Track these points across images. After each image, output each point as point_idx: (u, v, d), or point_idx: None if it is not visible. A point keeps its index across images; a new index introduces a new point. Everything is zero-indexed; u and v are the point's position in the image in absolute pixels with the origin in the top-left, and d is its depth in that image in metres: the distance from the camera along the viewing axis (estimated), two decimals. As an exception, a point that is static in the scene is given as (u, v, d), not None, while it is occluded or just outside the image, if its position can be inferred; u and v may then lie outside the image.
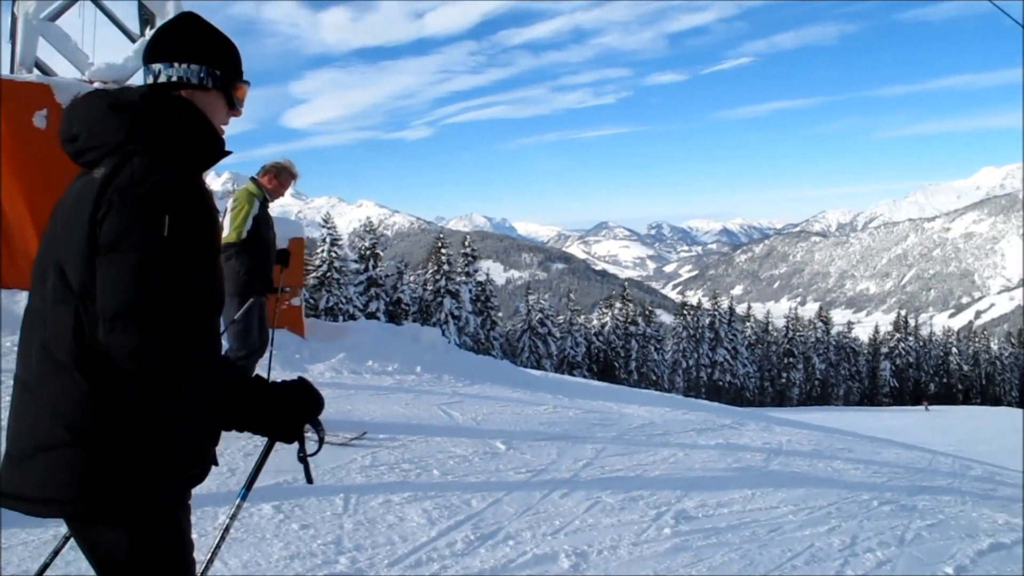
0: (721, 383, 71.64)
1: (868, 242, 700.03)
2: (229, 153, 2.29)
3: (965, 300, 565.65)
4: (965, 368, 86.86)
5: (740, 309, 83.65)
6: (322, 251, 53.76)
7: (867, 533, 6.18)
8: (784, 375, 75.87)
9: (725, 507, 6.47)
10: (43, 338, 2.03)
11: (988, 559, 5.99)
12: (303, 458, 2.29)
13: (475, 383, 12.47)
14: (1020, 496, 10.25)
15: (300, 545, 4.79)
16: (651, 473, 7.58)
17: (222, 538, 2.32)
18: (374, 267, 55.52)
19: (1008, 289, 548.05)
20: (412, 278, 61.37)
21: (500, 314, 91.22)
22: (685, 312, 74.60)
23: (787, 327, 78.50)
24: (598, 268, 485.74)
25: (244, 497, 2.36)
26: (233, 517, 2.35)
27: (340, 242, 56.06)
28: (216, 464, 2.36)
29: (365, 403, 9.58)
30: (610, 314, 70.06)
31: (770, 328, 79.16)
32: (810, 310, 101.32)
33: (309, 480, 2.38)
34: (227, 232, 6.51)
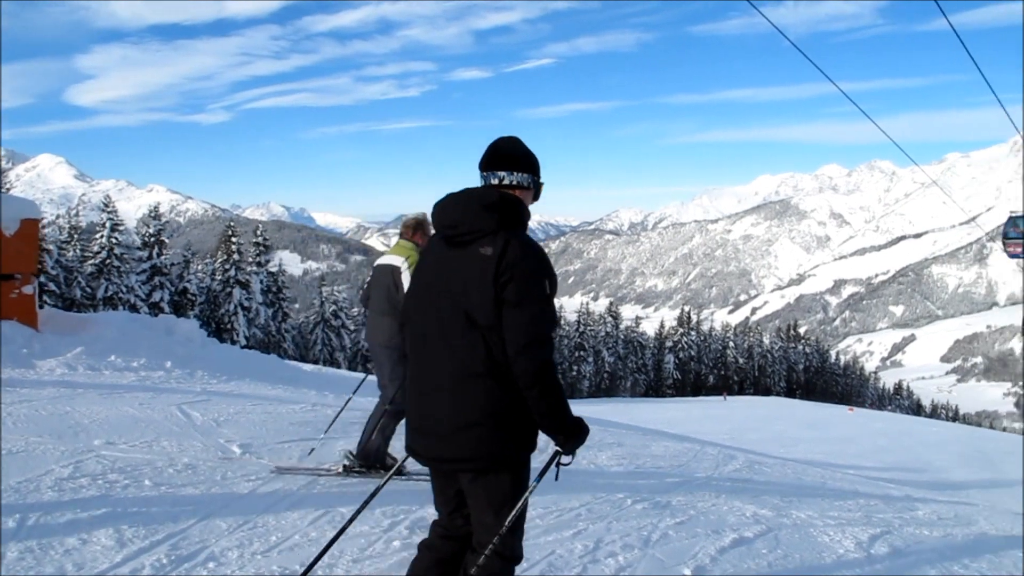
0: (514, 376, 72.73)
1: (657, 241, 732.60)
2: None
3: (743, 297, 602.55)
4: (741, 361, 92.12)
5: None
6: (101, 237, 50.22)
7: (613, 535, 5.94)
8: (575, 368, 77.68)
9: (469, 513, 6.08)
10: (459, 356, 3.13)
11: (728, 556, 5.88)
12: (549, 467, 3.50)
13: (232, 379, 11.62)
14: (771, 486, 10.51)
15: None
16: (398, 477, 7.09)
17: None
18: (159, 255, 52.42)
19: (780, 288, 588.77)
20: (200, 267, 58.48)
21: (296, 306, 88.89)
22: (480, 306, 75.19)
23: (579, 321, 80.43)
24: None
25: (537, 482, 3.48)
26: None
27: (122, 227, 52.49)
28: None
29: (90, 404, 8.52)
30: (405, 307, 69.64)
31: (563, 322, 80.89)
32: (602, 305, 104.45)
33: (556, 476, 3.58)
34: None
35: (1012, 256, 12.63)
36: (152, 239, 52.68)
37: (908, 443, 37.33)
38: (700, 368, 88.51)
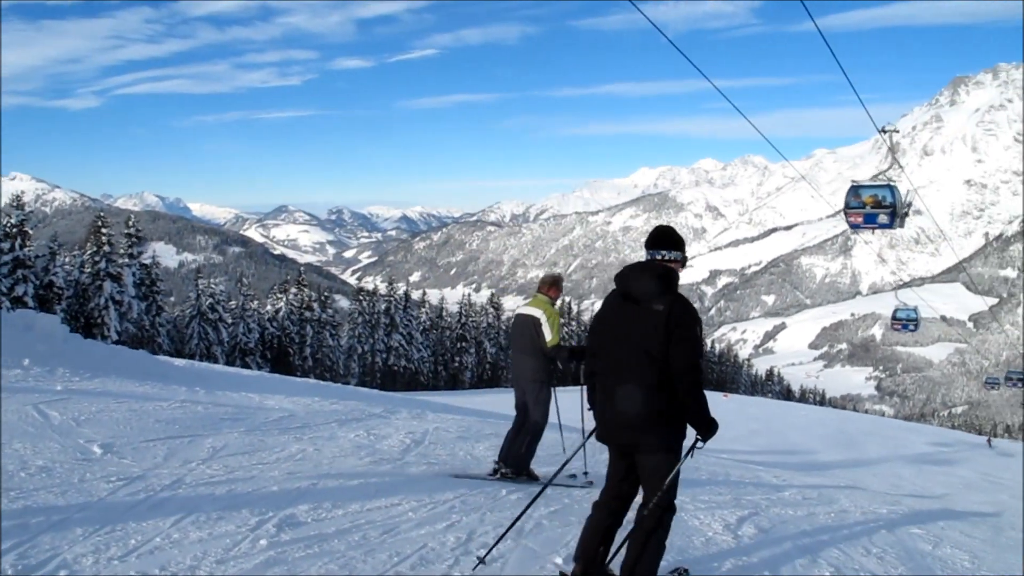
0: (396, 368, 71.96)
1: (539, 233, 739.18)
2: None
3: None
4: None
5: (416, 295, 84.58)
6: (-45, 228, 47.40)
7: (486, 527, 5.92)
8: (457, 359, 77.63)
9: (341, 508, 5.95)
10: (643, 379, 4.49)
11: (599, 544, 5.95)
12: (692, 449, 4.86)
13: (96, 376, 11.11)
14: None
15: None
16: (269, 473, 6.90)
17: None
18: (22, 247, 49.80)
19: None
20: (68, 260, 55.86)
21: (172, 299, 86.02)
22: (361, 298, 74.12)
23: (460, 312, 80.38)
24: (277, 252, 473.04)
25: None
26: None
27: (-21, 218, 49.65)
28: None
29: (-65, 405, 8.03)
30: (284, 299, 67.98)
31: (444, 314, 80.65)
32: (484, 296, 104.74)
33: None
34: (551, 337, 8.14)
35: (853, 227, 12.55)
36: (14, 230, 50.04)
37: (778, 427, 38.84)
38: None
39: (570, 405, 9.33)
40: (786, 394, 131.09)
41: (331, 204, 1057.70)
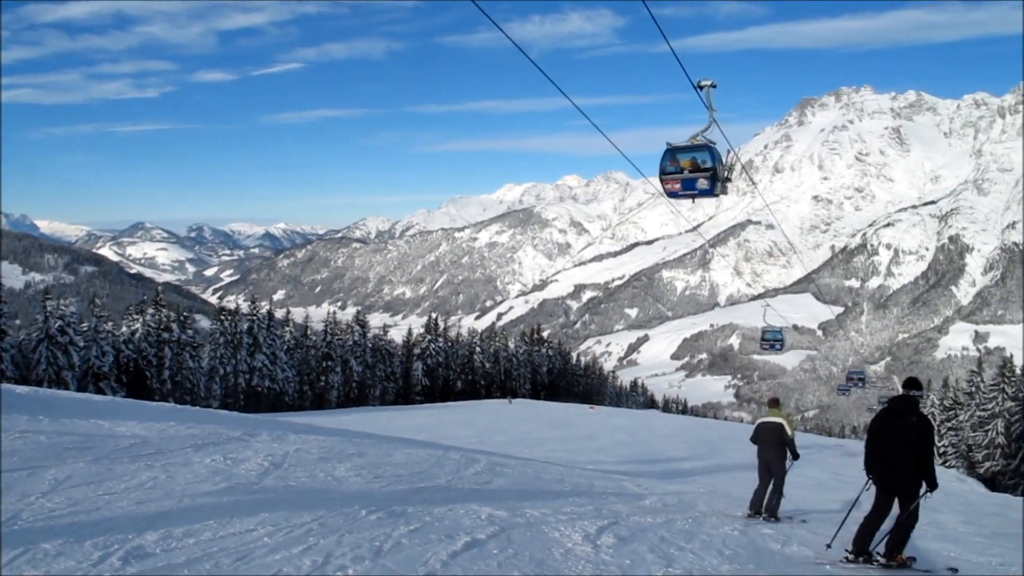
0: (260, 389, 70.16)
1: (405, 249, 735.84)
2: None
3: (489, 303, 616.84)
4: (487, 365, 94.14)
5: (280, 314, 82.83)
6: None
7: (344, 548, 5.82)
8: (323, 378, 76.29)
9: (193, 537, 5.74)
10: (909, 458, 8.84)
11: (460, 559, 5.93)
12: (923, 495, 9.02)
13: (-74, 407, 10.41)
14: (510, 488, 10.75)
15: None
16: (117, 504, 6.61)
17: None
18: None
19: (524, 293, 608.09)
20: None
21: (17, 322, 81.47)
22: (223, 317, 72.02)
23: (326, 331, 79.09)
24: (133, 271, 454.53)
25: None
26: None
27: None
28: None
29: None
30: (141, 320, 65.37)
31: (309, 332, 79.20)
32: (349, 314, 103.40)
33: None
34: (791, 433, 12.79)
35: (671, 195, 11.42)
36: None
37: (643, 437, 39.64)
38: (448, 374, 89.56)
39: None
40: (650, 404, 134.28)
41: (191, 221, 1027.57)
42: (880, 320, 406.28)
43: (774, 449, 12.56)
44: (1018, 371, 57.16)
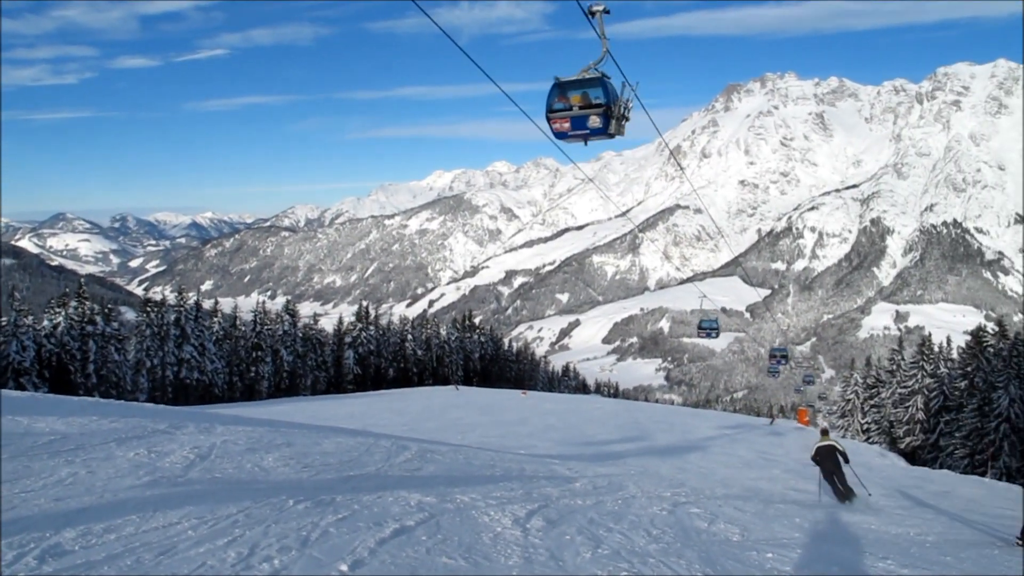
0: (189, 381, 68.93)
1: (335, 237, 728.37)
2: None
3: (420, 291, 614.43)
4: (419, 352, 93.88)
5: (208, 304, 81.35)
6: None
7: (270, 539, 5.77)
8: (253, 369, 75.27)
9: (114, 532, 5.63)
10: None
11: (388, 546, 5.91)
12: None
13: None
14: (440, 474, 10.75)
15: None
16: (34, 502, 6.43)
17: None
18: None
19: (455, 280, 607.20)
20: None
21: (-73, 318, 78.57)
22: (149, 309, 70.50)
23: (255, 321, 78.01)
24: (54, 264, 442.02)
25: None
26: None
27: None
28: None
29: None
30: (64, 313, 63.65)
31: (238, 322, 78.02)
32: (279, 303, 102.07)
33: None
34: (841, 448, 18.30)
35: (560, 136, 10.16)
36: None
37: (574, 420, 39.94)
38: (380, 362, 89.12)
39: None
40: (582, 388, 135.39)
41: (114, 211, 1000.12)
42: (805, 302, 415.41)
43: (831, 461, 17.81)
44: (936, 349, 59.12)
